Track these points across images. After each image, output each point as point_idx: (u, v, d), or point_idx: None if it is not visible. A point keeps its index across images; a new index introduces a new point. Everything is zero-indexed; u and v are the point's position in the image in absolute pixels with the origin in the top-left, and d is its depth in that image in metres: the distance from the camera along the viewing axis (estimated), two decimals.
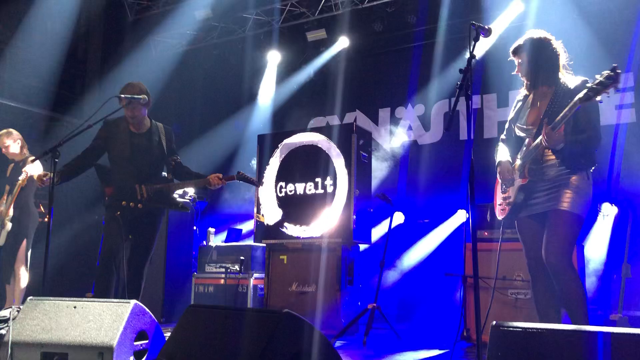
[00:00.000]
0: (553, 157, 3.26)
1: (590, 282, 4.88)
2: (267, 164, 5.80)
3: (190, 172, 4.29)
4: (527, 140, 3.36)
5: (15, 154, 5.64)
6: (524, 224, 3.39)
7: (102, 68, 7.75)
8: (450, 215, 6.12)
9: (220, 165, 7.56)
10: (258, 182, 4.24)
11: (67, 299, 3.23)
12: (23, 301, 5.35)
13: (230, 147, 7.79)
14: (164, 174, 4.41)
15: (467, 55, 2.93)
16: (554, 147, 3.20)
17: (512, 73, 3.49)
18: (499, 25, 6.29)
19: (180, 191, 5.91)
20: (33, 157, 5.37)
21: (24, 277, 5.53)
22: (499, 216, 3.51)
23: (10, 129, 5.70)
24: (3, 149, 5.65)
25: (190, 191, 6.48)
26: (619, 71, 2.86)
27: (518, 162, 3.41)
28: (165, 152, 4.23)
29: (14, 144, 5.64)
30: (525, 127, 3.39)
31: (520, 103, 3.51)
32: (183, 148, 7.00)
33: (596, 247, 5.16)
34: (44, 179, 3.99)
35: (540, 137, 3.18)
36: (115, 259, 4.03)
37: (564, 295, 3.18)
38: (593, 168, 3.28)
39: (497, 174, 3.52)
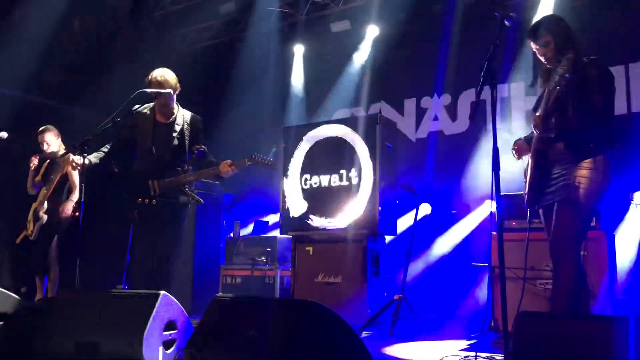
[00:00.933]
0: (561, 144, 3.14)
1: (621, 272, 4.79)
2: (292, 156, 5.82)
3: (212, 162, 4.20)
4: None
5: (54, 151, 5.70)
6: (542, 215, 3.33)
7: (127, 61, 7.82)
8: (477, 205, 6.06)
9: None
10: (274, 163, 4.03)
11: (98, 290, 3.30)
12: (56, 293, 5.50)
13: (262, 139, 7.78)
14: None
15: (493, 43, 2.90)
16: (543, 135, 3.13)
17: (539, 56, 3.36)
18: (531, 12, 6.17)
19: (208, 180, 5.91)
20: (64, 152, 5.45)
21: (55, 271, 5.66)
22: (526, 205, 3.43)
23: (50, 126, 5.74)
24: (43, 146, 5.69)
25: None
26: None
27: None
28: (186, 142, 4.12)
29: (55, 140, 5.70)
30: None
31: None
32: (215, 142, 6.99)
33: (628, 237, 5.06)
34: (74, 163, 3.96)
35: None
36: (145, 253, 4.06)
37: (553, 290, 3.17)
38: (611, 150, 3.11)
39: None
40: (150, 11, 7.92)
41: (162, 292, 3.07)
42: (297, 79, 8.05)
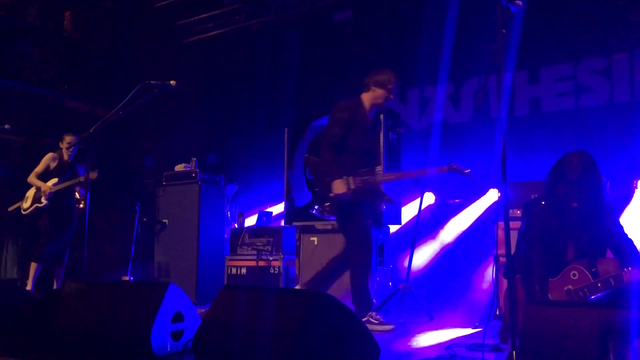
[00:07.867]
0: None
1: None
2: (296, 147, 5.82)
3: None
4: None
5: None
6: None
7: (129, 54, 7.79)
8: (481, 194, 6.05)
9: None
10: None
11: (105, 282, 3.32)
12: (61, 285, 5.56)
13: (269, 131, 7.76)
14: None
15: (498, 31, 2.89)
16: None
17: None
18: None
19: None
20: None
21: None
22: None
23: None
24: (67, 149, 5.88)
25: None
26: None
27: None
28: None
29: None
30: None
31: None
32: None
33: (632, 223, 5.05)
34: None
35: None
36: None
37: None
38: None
39: None
40: (152, 2, 7.89)
41: (169, 283, 3.09)
42: (301, 69, 8.01)
